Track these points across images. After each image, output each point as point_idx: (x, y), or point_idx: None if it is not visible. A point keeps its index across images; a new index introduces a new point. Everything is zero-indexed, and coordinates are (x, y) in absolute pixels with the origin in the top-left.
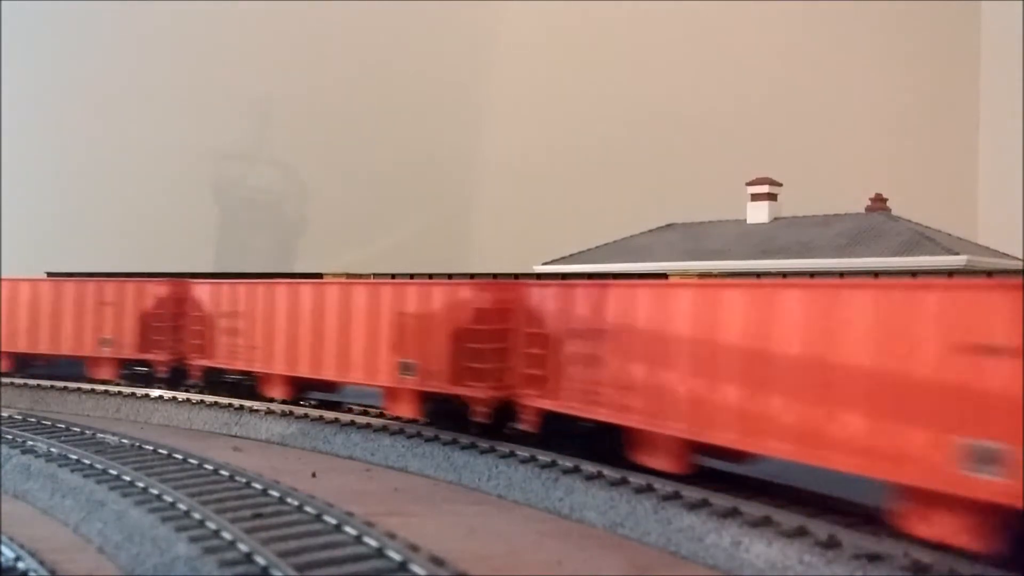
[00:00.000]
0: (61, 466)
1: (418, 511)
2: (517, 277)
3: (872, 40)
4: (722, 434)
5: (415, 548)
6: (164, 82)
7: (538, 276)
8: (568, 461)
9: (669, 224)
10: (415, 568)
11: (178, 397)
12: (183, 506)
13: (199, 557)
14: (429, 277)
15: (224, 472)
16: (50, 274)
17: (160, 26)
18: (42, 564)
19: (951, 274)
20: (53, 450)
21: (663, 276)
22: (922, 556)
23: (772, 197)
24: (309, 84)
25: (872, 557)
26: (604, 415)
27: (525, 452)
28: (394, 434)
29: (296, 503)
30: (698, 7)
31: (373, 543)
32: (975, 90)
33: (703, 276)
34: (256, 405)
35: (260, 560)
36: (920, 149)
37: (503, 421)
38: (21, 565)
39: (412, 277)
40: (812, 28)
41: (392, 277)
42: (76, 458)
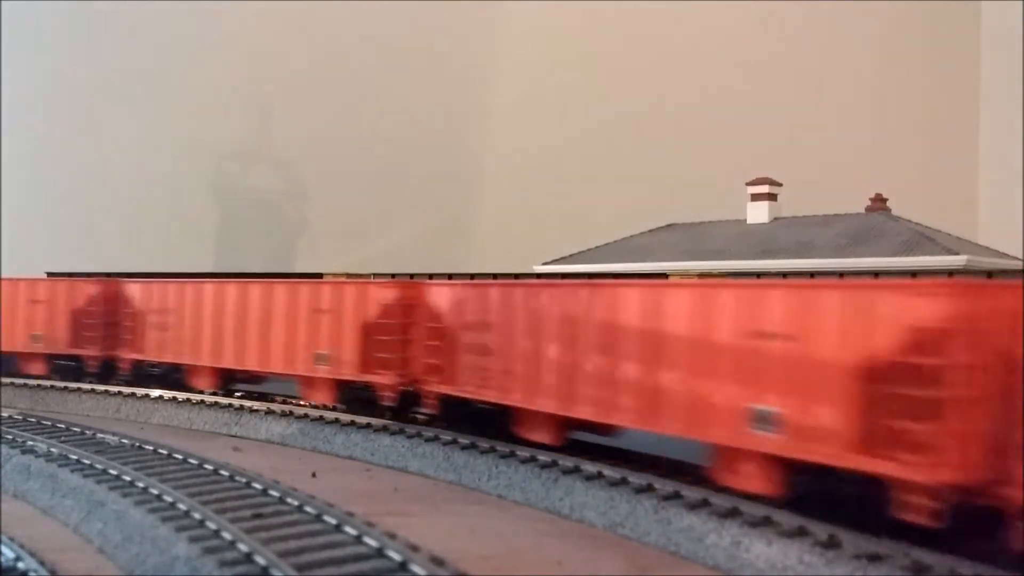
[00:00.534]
0: (61, 466)
1: (418, 511)
2: (517, 277)
3: (872, 40)
4: (582, 409)
5: (415, 548)
6: (164, 82)
7: (449, 276)
8: (568, 461)
9: (669, 224)
10: (415, 568)
11: (178, 397)
12: (183, 506)
13: (199, 557)
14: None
15: (224, 472)
16: (50, 274)
17: (160, 26)
18: (42, 564)
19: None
20: (53, 450)
21: (664, 276)
22: (922, 556)
23: (772, 197)
24: (309, 84)
25: (872, 557)
26: (492, 396)
27: (525, 452)
28: (394, 434)
29: (296, 503)
30: (698, 7)
31: (373, 543)
32: (975, 90)
33: (703, 276)
34: (256, 405)
35: (260, 560)
36: (920, 149)
37: (409, 405)
38: (21, 565)
39: (412, 277)
40: (812, 28)
41: (392, 277)
42: (76, 458)
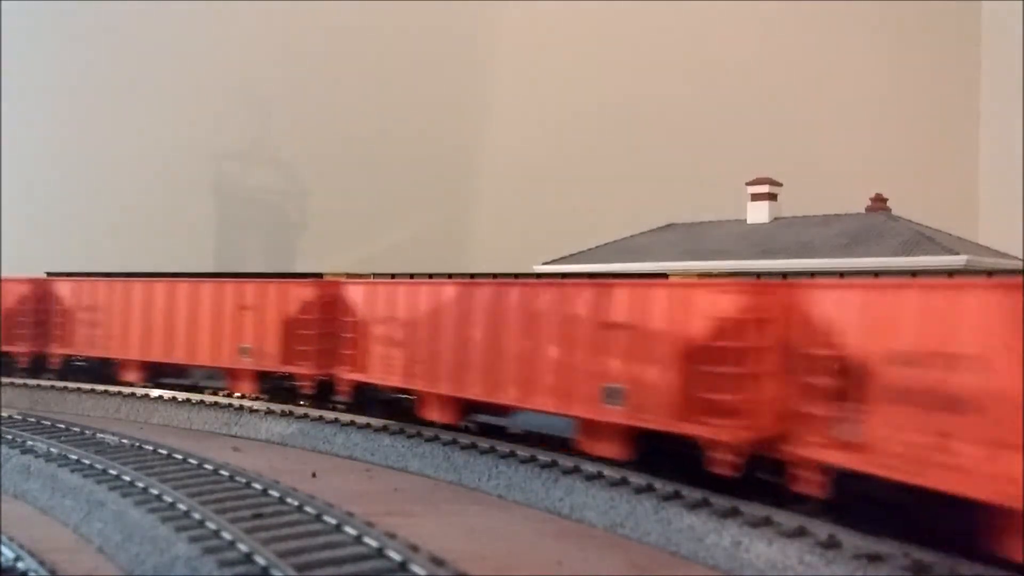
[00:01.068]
0: (61, 466)
1: (418, 511)
2: (517, 277)
3: (872, 40)
4: (472, 390)
5: (415, 548)
6: (164, 81)
7: (375, 275)
8: (568, 461)
9: (669, 224)
10: (415, 568)
11: (178, 397)
12: (183, 506)
13: (199, 557)
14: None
15: (224, 472)
16: (50, 274)
17: (159, 25)
18: (42, 564)
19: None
20: (53, 450)
21: (664, 276)
22: (922, 556)
23: (772, 197)
24: (309, 84)
25: (872, 557)
26: (398, 382)
27: (525, 452)
28: (394, 434)
29: (296, 503)
30: (698, 7)
31: (373, 543)
32: (975, 90)
33: (702, 276)
34: (256, 405)
35: (260, 560)
36: (920, 149)
37: (326, 393)
38: (21, 565)
39: (412, 277)
40: (812, 28)
41: (392, 277)
42: (76, 458)
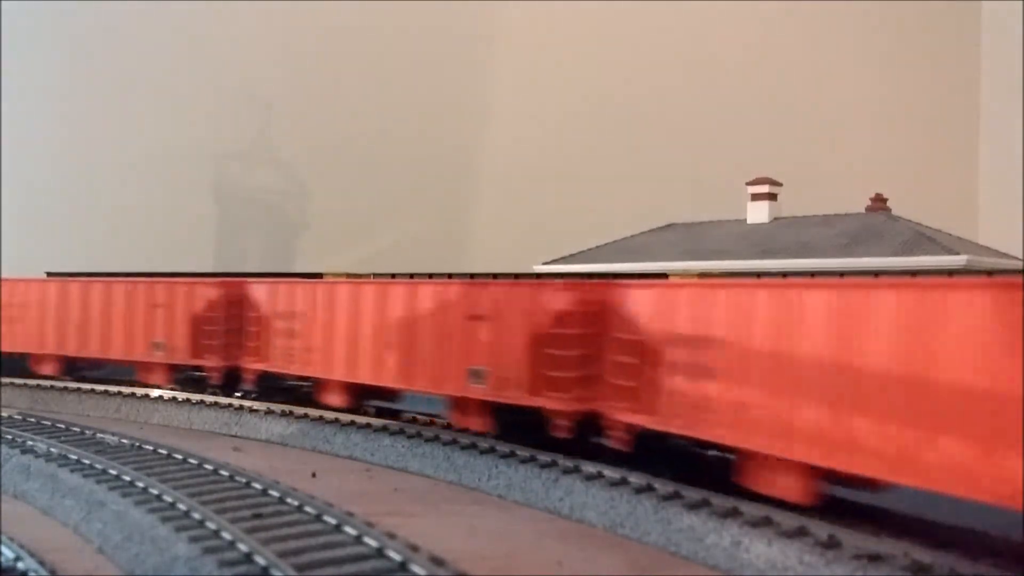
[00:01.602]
0: (61, 466)
1: (418, 511)
2: (517, 277)
3: (872, 40)
4: (363, 374)
5: (415, 548)
6: (164, 81)
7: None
8: (568, 461)
9: (669, 224)
10: (415, 568)
11: (178, 397)
12: (183, 506)
13: (199, 557)
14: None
15: (224, 472)
16: (50, 274)
17: (160, 25)
18: (42, 564)
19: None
20: (53, 450)
21: (664, 276)
22: (922, 556)
23: (772, 197)
24: (309, 84)
25: (872, 557)
26: (296, 370)
27: (525, 452)
28: (394, 434)
29: (296, 503)
30: (698, 7)
31: (373, 543)
32: (975, 90)
33: (702, 276)
34: (256, 405)
35: (260, 560)
36: (920, 149)
37: (233, 383)
38: (21, 565)
39: (412, 276)
40: (812, 28)
41: (392, 277)
42: (76, 458)
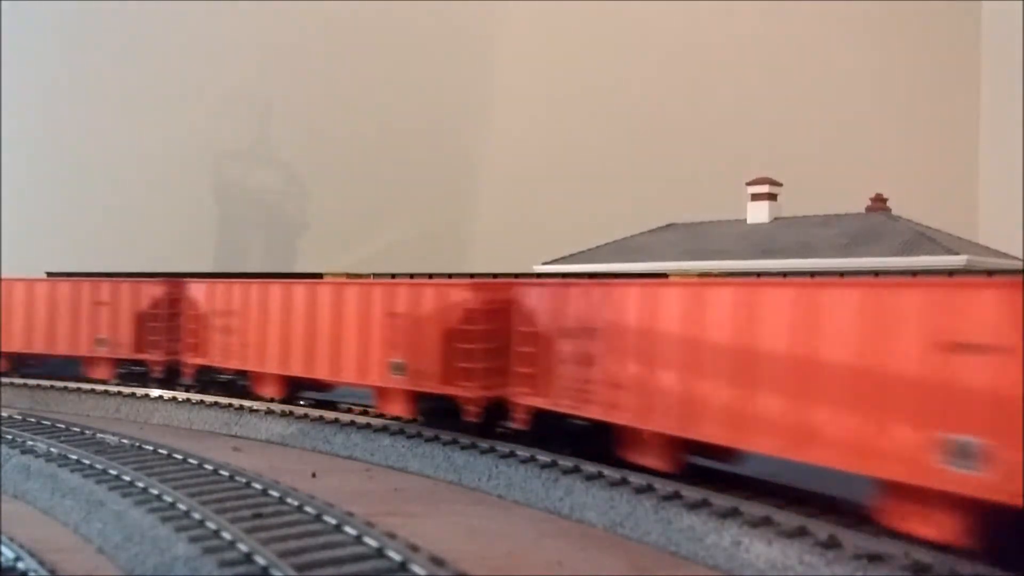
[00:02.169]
0: (61, 466)
1: (418, 511)
2: (517, 277)
3: (872, 40)
4: (295, 367)
5: (415, 548)
6: (164, 82)
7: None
8: (568, 461)
9: (669, 224)
10: (415, 568)
11: (178, 397)
12: (183, 506)
13: (199, 557)
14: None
15: (224, 472)
16: (50, 274)
17: (160, 26)
18: (42, 564)
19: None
20: (53, 450)
21: (664, 276)
22: (922, 556)
23: (772, 197)
24: (310, 84)
25: (872, 557)
26: (235, 364)
27: (525, 452)
28: (394, 434)
29: (296, 503)
30: (698, 7)
31: (373, 543)
32: (975, 90)
33: (702, 276)
34: (256, 405)
35: (260, 560)
36: (920, 149)
37: (175, 376)
38: (21, 565)
39: (412, 277)
40: (812, 28)
41: (392, 277)
42: (76, 458)
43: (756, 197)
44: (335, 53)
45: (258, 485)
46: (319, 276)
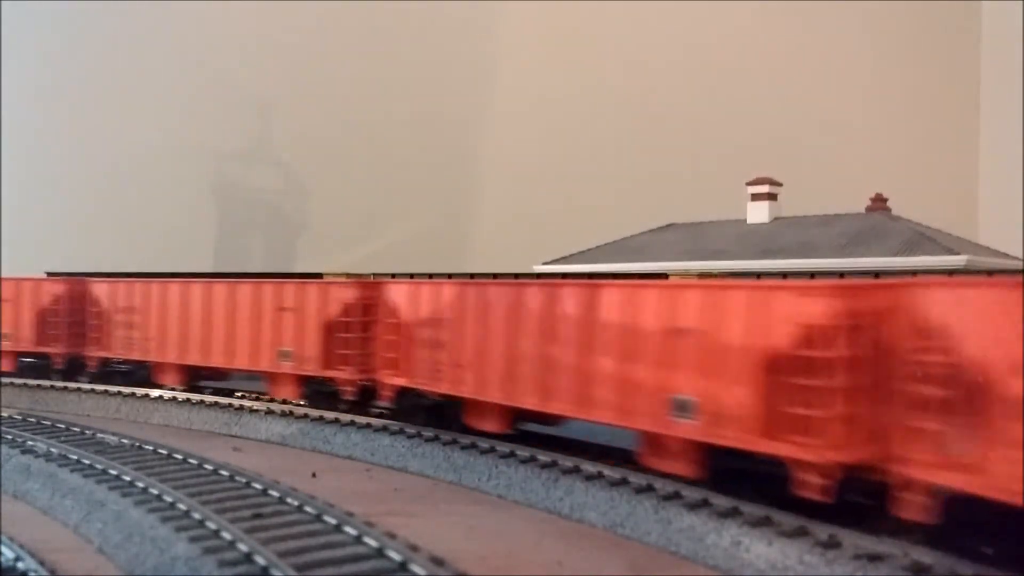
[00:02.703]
0: (61, 466)
1: (418, 511)
2: (517, 277)
3: (872, 40)
4: (191, 357)
5: (415, 548)
6: (164, 82)
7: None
8: (568, 461)
9: (669, 224)
10: (415, 568)
11: (178, 397)
12: (183, 506)
13: (199, 557)
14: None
15: (224, 472)
16: (50, 274)
17: (160, 26)
18: (42, 564)
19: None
20: (53, 450)
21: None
22: (922, 556)
23: (772, 197)
24: (309, 84)
25: (872, 557)
26: (136, 356)
27: (525, 452)
28: (394, 434)
29: (296, 503)
30: (697, 7)
31: (373, 543)
32: (975, 90)
33: (702, 276)
34: (256, 405)
35: (260, 560)
36: (920, 149)
37: (79, 369)
38: (21, 565)
39: (412, 277)
40: (812, 28)
41: (392, 277)
42: (76, 458)
43: (756, 197)
44: (335, 53)
45: (258, 485)
46: (319, 276)
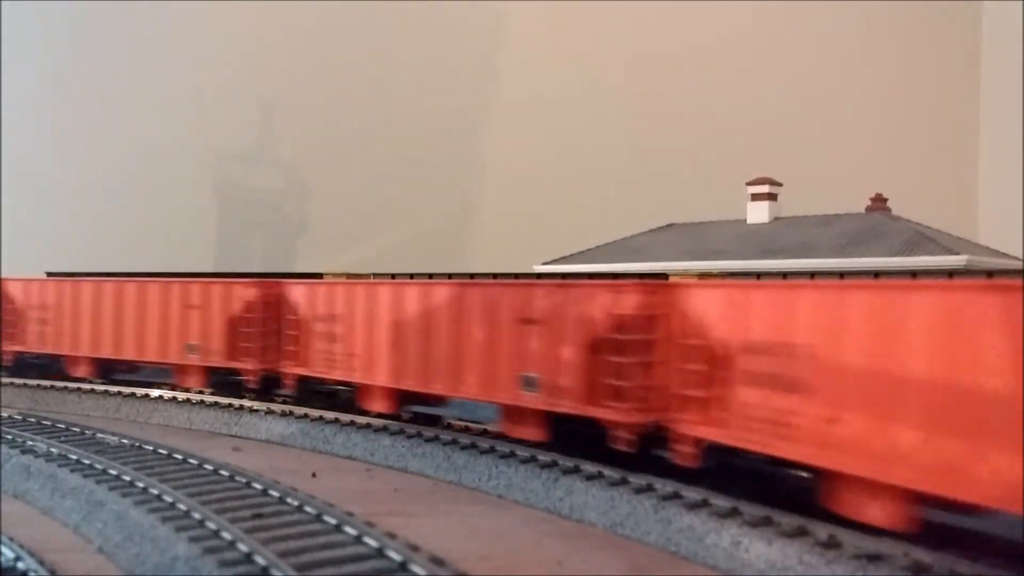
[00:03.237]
0: (61, 466)
1: (418, 511)
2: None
3: (872, 40)
4: (104, 351)
5: (415, 548)
6: (164, 82)
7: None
8: (568, 461)
9: (669, 224)
10: (415, 568)
11: (178, 397)
12: (183, 506)
13: (199, 557)
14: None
15: (224, 472)
16: (50, 274)
17: (160, 26)
18: (42, 564)
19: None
20: (53, 450)
21: (664, 276)
22: (922, 556)
23: (772, 197)
24: (310, 84)
25: (872, 557)
26: (50, 349)
27: (525, 452)
28: (394, 434)
29: (296, 503)
30: (697, 7)
31: (373, 543)
32: (975, 90)
33: (702, 276)
34: (256, 405)
35: (260, 560)
36: (920, 149)
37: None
38: (21, 565)
39: (412, 277)
40: (812, 28)
41: (392, 277)
42: (76, 458)
43: (756, 197)
44: (336, 53)
45: (258, 485)
46: (319, 276)
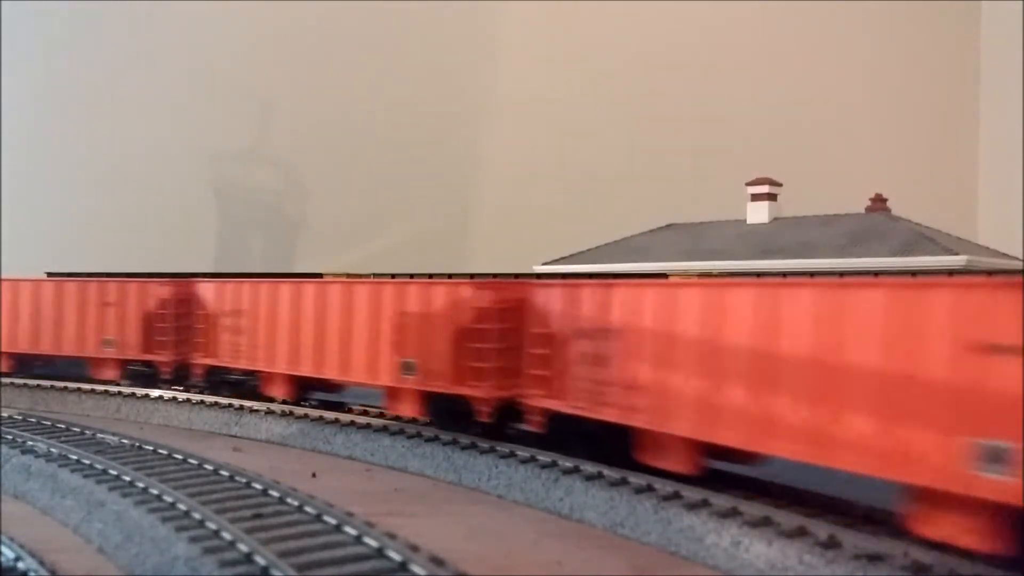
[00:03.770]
0: (61, 466)
1: (418, 511)
2: (517, 277)
3: (872, 40)
4: (20, 346)
5: (415, 548)
6: (164, 82)
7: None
8: (568, 461)
9: (669, 224)
10: (415, 568)
11: (178, 397)
12: (183, 506)
13: (199, 557)
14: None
15: (224, 472)
16: (50, 274)
17: (160, 26)
18: (42, 564)
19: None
20: (53, 450)
21: (663, 276)
22: (922, 556)
23: (772, 197)
24: (310, 84)
25: (872, 557)
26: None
27: (525, 452)
28: (394, 434)
29: (296, 503)
30: (697, 8)
31: (373, 543)
32: (975, 90)
33: (702, 276)
34: (256, 405)
35: (260, 560)
36: (920, 149)
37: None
38: (21, 565)
39: (412, 277)
40: (812, 28)
41: (392, 277)
42: (76, 458)
43: (756, 197)
44: (336, 52)
45: (258, 485)
46: (319, 276)
